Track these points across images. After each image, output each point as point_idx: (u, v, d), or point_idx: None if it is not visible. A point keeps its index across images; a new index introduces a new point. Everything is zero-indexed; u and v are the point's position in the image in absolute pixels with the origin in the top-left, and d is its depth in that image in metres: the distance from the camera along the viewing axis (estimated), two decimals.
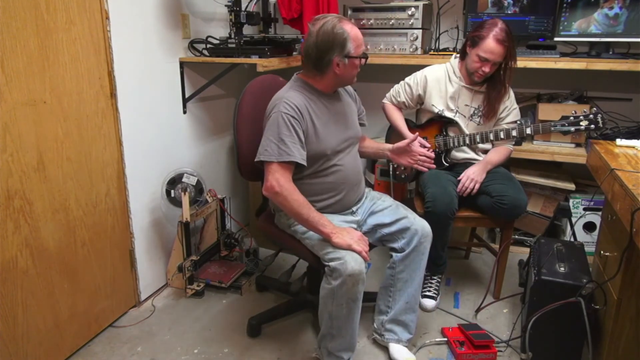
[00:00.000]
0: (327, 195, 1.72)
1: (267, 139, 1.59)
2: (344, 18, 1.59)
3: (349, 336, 1.63)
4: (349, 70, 1.63)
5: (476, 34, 1.98)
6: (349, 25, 1.58)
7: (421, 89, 2.18)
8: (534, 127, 2.05)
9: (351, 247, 1.55)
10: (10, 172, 1.51)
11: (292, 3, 2.39)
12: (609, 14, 2.30)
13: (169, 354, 1.85)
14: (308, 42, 1.61)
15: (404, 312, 1.79)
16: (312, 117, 1.64)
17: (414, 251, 1.73)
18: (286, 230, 1.76)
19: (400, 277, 1.76)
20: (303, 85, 1.68)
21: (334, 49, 1.57)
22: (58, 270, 1.72)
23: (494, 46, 1.93)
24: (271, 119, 1.60)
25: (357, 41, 1.59)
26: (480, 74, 2.01)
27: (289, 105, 1.59)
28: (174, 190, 2.15)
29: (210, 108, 2.56)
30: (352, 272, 1.50)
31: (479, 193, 2.07)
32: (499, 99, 2.10)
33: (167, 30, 2.15)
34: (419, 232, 1.72)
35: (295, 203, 1.56)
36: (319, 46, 1.58)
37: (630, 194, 1.23)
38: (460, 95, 2.13)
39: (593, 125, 1.97)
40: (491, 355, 1.80)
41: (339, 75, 1.64)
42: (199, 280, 2.25)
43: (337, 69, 1.61)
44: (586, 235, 2.50)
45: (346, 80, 1.69)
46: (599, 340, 1.60)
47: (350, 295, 1.54)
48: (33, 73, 1.56)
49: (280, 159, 1.56)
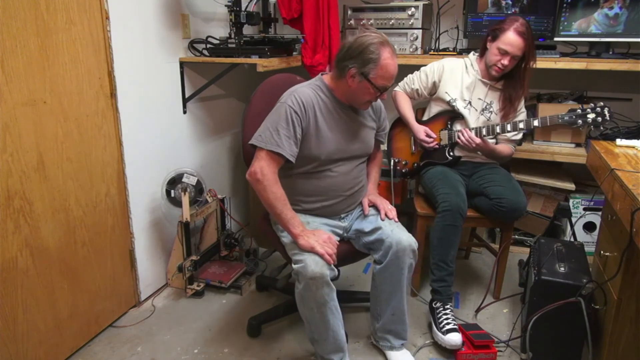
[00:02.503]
0: (315, 198, 1.70)
1: (264, 125, 1.59)
2: (389, 46, 1.55)
3: (331, 339, 1.60)
4: (360, 90, 1.59)
5: (497, 27, 1.98)
6: (387, 53, 1.53)
7: (437, 76, 2.17)
8: (541, 119, 2.05)
9: (314, 249, 1.52)
10: (10, 172, 1.51)
11: (292, 3, 2.39)
12: (609, 14, 2.30)
13: (169, 354, 1.85)
14: (345, 40, 1.60)
15: (391, 322, 1.77)
16: (317, 116, 1.62)
17: (391, 265, 1.66)
18: (272, 227, 1.76)
19: (382, 288, 1.72)
20: (321, 85, 1.67)
21: (356, 60, 1.54)
22: (58, 270, 1.72)
23: (514, 38, 1.92)
24: (275, 108, 1.60)
25: (382, 70, 1.54)
26: (500, 67, 1.99)
27: (296, 99, 1.58)
28: (174, 190, 2.15)
29: (211, 108, 2.56)
30: (312, 275, 1.47)
31: (478, 194, 2.07)
32: (518, 97, 2.09)
33: (167, 30, 2.15)
34: (394, 246, 1.63)
35: (272, 195, 1.55)
36: (348, 48, 1.56)
37: (630, 194, 1.23)
38: (475, 87, 2.12)
39: (600, 118, 1.98)
40: (491, 355, 1.80)
41: (350, 88, 1.60)
42: (199, 280, 2.25)
43: (350, 81, 1.58)
44: (586, 235, 2.50)
45: (356, 100, 1.64)
46: (599, 340, 1.59)
47: (317, 299, 1.51)
48: (33, 73, 1.56)
49: (270, 147, 1.54)
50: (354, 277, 2.43)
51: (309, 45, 2.41)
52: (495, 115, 2.12)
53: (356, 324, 2.02)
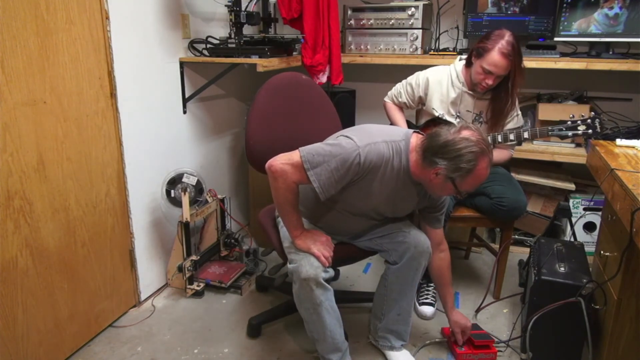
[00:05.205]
0: (322, 225, 1.69)
1: (322, 148, 1.44)
2: (488, 156, 1.39)
3: (329, 339, 1.60)
4: (440, 187, 1.46)
5: (482, 45, 1.93)
6: (484, 164, 1.39)
7: (422, 91, 2.15)
8: (531, 131, 2.04)
9: (310, 250, 1.51)
10: (10, 172, 1.51)
11: (292, 3, 2.39)
12: (609, 14, 2.30)
13: (169, 354, 1.85)
14: (446, 130, 1.42)
15: (395, 322, 1.77)
16: (376, 179, 1.49)
17: (406, 266, 1.66)
18: (276, 219, 1.75)
19: (392, 288, 1.72)
20: (403, 152, 1.48)
21: (448, 163, 1.38)
22: (58, 270, 1.72)
23: (499, 59, 1.87)
24: (347, 146, 1.43)
25: (473, 180, 1.41)
26: (484, 85, 1.96)
27: (368, 158, 1.43)
28: (174, 190, 2.15)
29: (211, 108, 2.56)
30: (306, 276, 1.47)
31: (478, 193, 2.07)
32: (504, 112, 2.04)
33: (167, 30, 2.15)
34: (412, 248, 1.64)
35: (283, 198, 1.49)
36: (443, 145, 1.39)
37: (630, 194, 1.23)
38: (462, 100, 2.09)
39: (591, 130, 1.96)
40: (491, 355, 1.80)
41: (430, 182, 1.46)
42: (199, 280, 2.25)
43: (434, 177, 1.43)
44: (586, 235, 2.50)
45: (431, 191, 1.53)
46: (599, 340, 1.59)
47: (312, 299, 1.51)
48: (33, 73, 1.55)
49: (311, 175, 1.43)
50: (354, 277, 2.43)
51: (309, 45, 2.41)
52: (486, 124, 2.10)
53: (356, 324, 2.02)
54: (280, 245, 1.68)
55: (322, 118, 1.97)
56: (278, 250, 1.71)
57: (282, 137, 1.83)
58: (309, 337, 1.66)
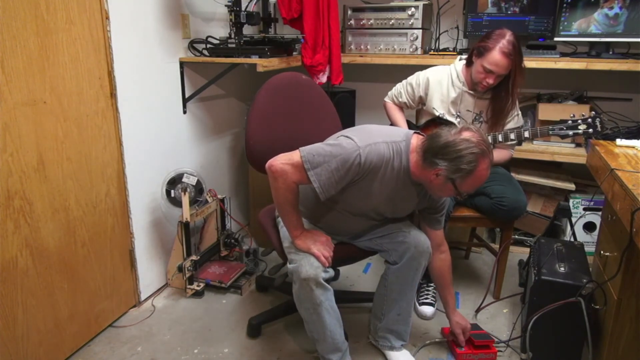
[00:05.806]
0: (320, 223, 1.69)
1: (322, 148, 1.44)
2: (488, 157, 1.40)
3: (329, 339, 1.60)
4: (440, 187, 1.46)
5: (482, 44, 1.93)
6: (484, 165, 1.39)
7: (422, 91, 2.15)
8: (532, 130, 2.04)
9: (310, 250, 1.51)
10: (10, 172, 1.51)
11: (292, 3, 2.39)
12: (609, 14, 2.30)
13: (169, 354, 1.85)
14: (447, 131, 1.42)
15: (395, 322, 1.77)
16: (377, 179, 1.49)
17: (406, 266, 1.66)
18: (276, 218, 1.75)
19: (392, 288, 1.72)
20: (403, 152, 1.49)
21: (449, 163, 1.38)
22: (58, 270, 1.72)
23: (499, 59, 1.88)
24: (347, 146, 1.43)
25: (473, 180, 1.41)
26: (485, 85, 1.96)
27: (368, 159, 1.43)
28: (174, 190, 2.15)
29: (211, 108, 2.56)
30: (306, 276, 1.47)
31: (478, 194, 2.07)
32: (505, 112, 2.04)
33: (167, 30, 2.15)
34: (412, 248, 1.64)
35: (283, 198, 1.49)
36: (444, 146, 1.39)
37: (630, 194, 1.23)
38: (462, 100, 2.09)
39: (591, 130, 1.97)
40: (491, 355, 1.80)
41: (430, 182, 1.46)
42: (199, 280, 2.25)
43: (434, 177, 1.43)
44: (586, 235, 2.50)
45: (431, 192, 1.53)
46: (599, 340, 1.59)
47: (312, 299, 1.51)
48: (33, 73, 1.55)
49: (311, 175, 1.43)
50: (354, 277, 2.43)
51: (309, 45, 2.41)
52: (486, 124, 2.10)
53: (356, 324, 2.02)
54: (280, 245, 1.68)
55: (322, 118, 1.97)
56: (278, 250, 1.71)
57: (282, 137, 1.83)
58: (309, 337, 1.66)
